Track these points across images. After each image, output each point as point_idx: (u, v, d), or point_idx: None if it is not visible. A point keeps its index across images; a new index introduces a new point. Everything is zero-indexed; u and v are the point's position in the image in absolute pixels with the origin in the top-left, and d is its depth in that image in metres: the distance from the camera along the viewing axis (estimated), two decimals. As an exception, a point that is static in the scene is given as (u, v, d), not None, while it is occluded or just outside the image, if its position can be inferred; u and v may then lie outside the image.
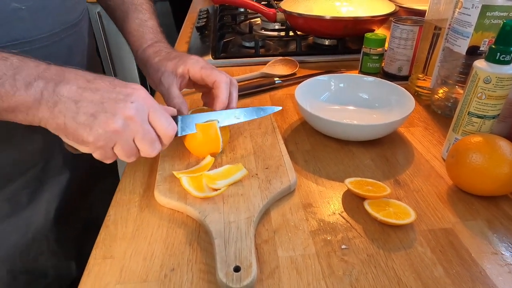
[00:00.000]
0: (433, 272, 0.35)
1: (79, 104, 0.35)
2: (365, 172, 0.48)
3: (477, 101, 0.44)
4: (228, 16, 1.15)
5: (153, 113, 0.38)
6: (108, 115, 0.35)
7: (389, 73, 0.74)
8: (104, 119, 0.35)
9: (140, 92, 0.38)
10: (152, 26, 0.56)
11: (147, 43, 0.54)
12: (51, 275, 0.57)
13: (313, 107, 0.57)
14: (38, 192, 0.51)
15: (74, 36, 0.50)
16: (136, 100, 0.37)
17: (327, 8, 0.81)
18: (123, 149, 0.38)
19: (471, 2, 0.51)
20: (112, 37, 1.95)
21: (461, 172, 0.43)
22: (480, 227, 0.40)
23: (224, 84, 0.47)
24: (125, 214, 0.42)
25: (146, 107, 0.38)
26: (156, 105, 0.39)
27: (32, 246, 0.53)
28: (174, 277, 0.35)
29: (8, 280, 0.51)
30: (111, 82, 0.37)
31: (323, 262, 0.36)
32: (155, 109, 0.38)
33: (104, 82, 0.37)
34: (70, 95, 0.35)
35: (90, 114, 0.35)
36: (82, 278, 0.35)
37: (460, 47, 0.54)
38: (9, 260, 0.51)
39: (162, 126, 0.39)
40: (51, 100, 0.34)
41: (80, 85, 0.35)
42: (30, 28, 0.42)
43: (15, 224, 0.50)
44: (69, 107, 0.35)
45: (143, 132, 0.37)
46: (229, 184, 0.43)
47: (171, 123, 0.40)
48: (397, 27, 0.69)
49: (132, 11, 0.56)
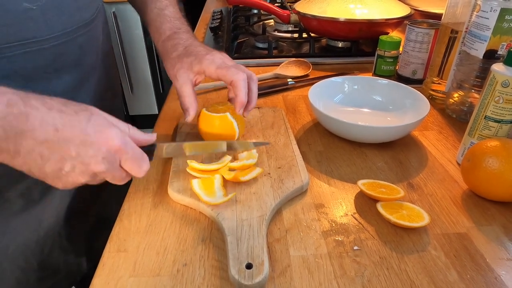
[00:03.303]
0: (447, 276, 0.34)
1: (45, 158, 0.32)
2: (378, 174, 0.48)
3: (494, 105, 0.44)
4: (241, 17, 1.16)
5: (124, 162, 0.35)
6: (77, 172, 0.33)
7: (403, 76, 0.73)
8: (73, 174, 0.33)
9: (113, 143, 0.34)
10: (170, 14, 0.55)
11: (166, 34, 0.52)
12: (62, 271, 0.57)
13: (326, 108, 0.56)
14: (50, 189, 0.52)
15: (86, 35, 0.50)
16: (107, 154, 0.33)
17: (341, 10, 0.81)
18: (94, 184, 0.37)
19: (489, 6, 0.51)
20: (126, 37, 1.97)
21: (477, 177, 0.42)
22: (496, 233, 0.39)
23: (241, 82, 0.46)
24: (139, 208, 0.42)
25: (118, 156, 0.35)
26: (129, 152, 0.35)
27: (44, 242, 0.53)
28: (186, 272, 0.35)
29: (20, 276, 0.52)
30: (82, 130, 0.33)
31: (335, 262, 0.36)
32: (128, 157, 0.35)
33: (74, 131, 0.32)
34: (35, 147, 0.31)
35: (57, 168, 0.33)
36: (96, 271, 0.36)
37: (477, 50, 0.54)
38: (20, 255, 0.51)
39: (133, 171, 0.36)
40: (12, 149, 0.31)
41: (46, 136, 0.31)
42: (42, 28, 0.42)
43: (28, 220, 0.50)
44: (33, 158, 0.32)
45: (112, 177, 0.36)
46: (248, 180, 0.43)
47: (142, 166, 0.36)
48: (413, 30, 0.69)
49: (150, 1, 0.56)
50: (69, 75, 0.48)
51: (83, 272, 0.62)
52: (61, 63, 0.46)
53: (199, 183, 0.43)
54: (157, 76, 2.16)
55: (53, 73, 0.45)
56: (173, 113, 0.62)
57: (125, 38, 1.98)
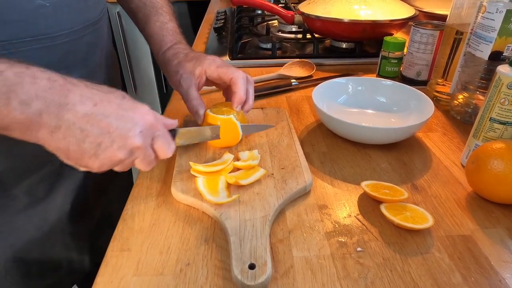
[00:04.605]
0: (451, 278, 0.34)
1: (85, 132, 0.33)
2: (382, 175, 0.48)
3: (500, 106, 0.44)
4: (245, 17, 1.16)
5: (157, 139, 0.37)
6: (115, 146, 0.34)
7: (407, 78, 0.73)
8: (111, 149, 0.34)
9: (148, 118, 0.36)
10: (172, 28, 0.58)
11: (167, 45, 0.55)
12: (63, 268, 0.58)
13: (330, 109, 0.56)
14: (55, 186, 0.53)
15: (94, 34, 0.51)
16: (143, 128, 0.36)
17: (345, 11, 0.81)
18: (121, 168, 0.38)
19: (495, 7, 0.50)
20: (130, 37, 1.98)
21: (481, 179, 0.42)
22: (500, 235, 0.39)
23: (241, 80, 0.48)
24: (142, 208, 0.43)
25: (151, 133, 0.37)
26: (160, 129, 0.38)
27: (48, 239, 0.54)
28: (189, 272, 0.35)
29: (23, 271, 0.52)
30: (119, 106, 0.35)
31: (338, 263, 0.36)
32: (160, 134, 0.38)
33: (112, 106, 0.34)
34: (76, 121, 0.32)
35: (96, 143, 0.33)
36: (99, 270, 0.36)
37: (483, 52, 0.53)
38: (24, 251, 0.52)
39: (163, 151, 0.38)
40: (53, 124, 0.32)
41: (86, 110, 0.33)
42: (53, 25, 0.43)
43: (32, 217, 0.51)
44: (73, 134, 0.33)
45: (144, 157, 0.37)
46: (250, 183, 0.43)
47: (171, 146, 0.39)
48: (417, 31, 0.69)
49: (153, 14, 0.58)
50: (77, 72, 0.49)
51: (85, 271, 0.62)
52: (71, 60, 0.47)
53: (204, 181, 0.43)
54: (160, 76, 2.16)
55: (63, 70, 0.47)
56: (177, 113, 0.63)
57: (129, 38, 1.98)
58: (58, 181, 0.53)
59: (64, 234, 0.56)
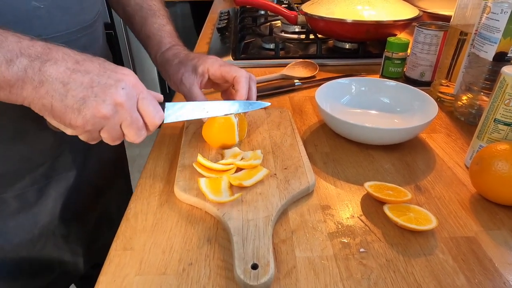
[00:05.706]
0: (455, 280, 0.34)
1: (68, 87, 0.33)
2: (385, 176, 0.48)
3: (504, 107, 0.43)
4: (248, 18, 1.16)
5: (141, 101, 0.37)
6: (98, 100, 0.34)
7: (411, 78, 0.73)
8: (94, 103, 0.34)
9: (131, 78, 0.37)
10: (170, 31, 0.58)
11: (166, 46, 0.55)
12: (56, 269, 0.57)
13: (333, 109, 0.56)
14: (46, 190, 0.52)
15: (89, 37, 0.51)
16: (126, 86, 0.36)
17: (349, 11, 0.81)
18: (109, 133, 0.37)
19: (499, 7, 0.50)
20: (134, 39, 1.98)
21: (486, 180, 0.42)
22: (505, 237, 0.39)
23: (244, 79, 0.48)
24: (145, 207, 0.43)
25: (136, 93, 0.37)
26: (145, 92, 0.38)
27: (38, 241, 0.53)
28: (192, 271, 0.35)
29: (13, 273, 0.52)
30: (100, 65, 0.36)
31: (341, 264, 0.36)
32: (144, 96, 0.38)
33: (94, 64, 0.35)
34: (58, 76, 0.33)
35: (79, 97, 0.34)
36: (102, 269, 0.36)
37: (487, 53, 0.53)
38: (13, 252, 0.51)
39: (150, 114, 0.38)
40: (37, 79, 0.33)
41: (68, 66, 0.34)
42: (47, 26, 0.43)
43: (23, 221, 0.50)
44: (57, 89, 0.33)
45: (131, 120, 0.37)
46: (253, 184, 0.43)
47: (159, 111, 0.39)
48: (421, 32, 0.68)
49: (151, 16, 0.58)
50: None
51: (80, 273, 0.62)
52: None
53: (206, 182, 0.43)
54: (163, 77, 2.17)
55: None
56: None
57: (132, 39, 1.99)
58: (49, 184, 0.52)
59: (55, 235, 0.55)
